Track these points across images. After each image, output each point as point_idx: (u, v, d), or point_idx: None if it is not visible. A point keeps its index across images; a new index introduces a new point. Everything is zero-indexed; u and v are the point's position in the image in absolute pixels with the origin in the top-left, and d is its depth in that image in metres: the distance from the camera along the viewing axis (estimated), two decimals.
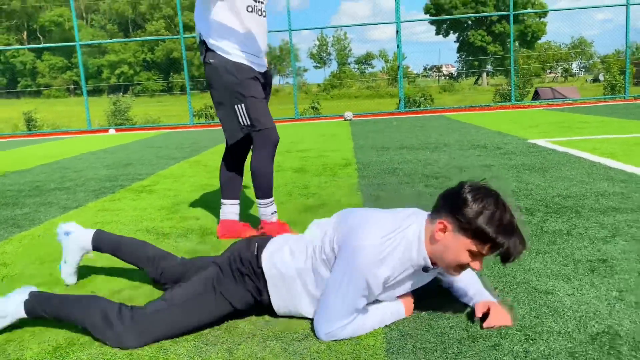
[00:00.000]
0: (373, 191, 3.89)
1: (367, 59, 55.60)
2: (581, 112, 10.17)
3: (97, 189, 4.71)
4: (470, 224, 1.54)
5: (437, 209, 1.66)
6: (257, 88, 2.70)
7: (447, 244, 1.60)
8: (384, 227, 1.66)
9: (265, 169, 2.76)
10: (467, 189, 1.60)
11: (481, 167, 4.62)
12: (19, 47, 58.33)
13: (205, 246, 2.75)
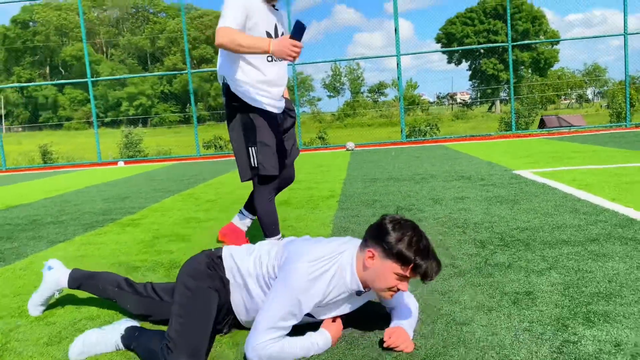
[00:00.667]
0: (344, 223, 4.04)
1: (380, 88, 56.12)
2: (579, 141, 10.24)
3: (88, 222, 4.93)
4: (392, 249, 1.76)
5: (365, 240, 1.87)
6: (271, 133, 2.87)
7: (376, 270, 1.81)
8: (317, 252, 1.86)
9: (267, 208, 2.98)
10: (387, 220, 1.83)
11: (455, 199, 4.75)
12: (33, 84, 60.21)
13: (169, 279, 2.92)
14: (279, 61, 2.87)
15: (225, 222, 4.46)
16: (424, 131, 17.33)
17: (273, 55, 2.60)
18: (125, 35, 69.42)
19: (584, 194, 4.54)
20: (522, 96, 20.56)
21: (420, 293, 2.39)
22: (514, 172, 6.24)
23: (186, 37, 14.70)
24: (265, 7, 2.80)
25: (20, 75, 65.63)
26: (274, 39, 2.58)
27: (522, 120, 16.73)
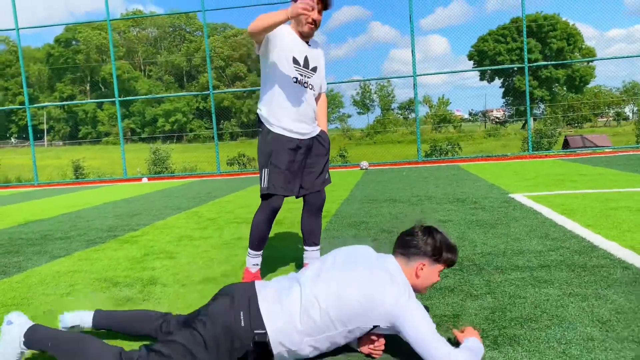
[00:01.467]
0: (322, 244, 4.25)
1: (410, 105, 56.08)
2: (591, 163, 10.18)
3: (92, 238, 5.27)
4: (440, 256, 2.18)
5: (407, 253, 2.18)
6: (286, 158, 3.03)
7: (426, 275, 2.18)
8: (396, 279, 2.08)
9: (261, 225, 3.13)
10: (420, 233, 2.21)
11: (438, 222, 4.89)
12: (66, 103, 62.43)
13: (143, 295, 3.18)
14: (305, 87, 3.08)
15: (216, 240, 4.73)
16: (445, 150, 17.37)
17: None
18: (162, 54, 71.44)
19: (563, 219, 4.63)
20: (546, 116, 20.35)
21: None
22: (509, 196, 6.33)
23: (209, 58, 15.23)
24: (300, 41, 3.06)
25: (62, 92, 68.22)
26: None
27: (544, 141, 16.59)
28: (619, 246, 3.56)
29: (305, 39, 3.09)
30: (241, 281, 3.17)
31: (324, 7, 3.00)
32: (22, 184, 16.06)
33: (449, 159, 14.79)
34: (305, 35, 3.06)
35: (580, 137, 17.29)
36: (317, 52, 3.18)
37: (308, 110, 3.10)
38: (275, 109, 3.03)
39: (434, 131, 47.69)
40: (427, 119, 52.65)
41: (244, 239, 4.73)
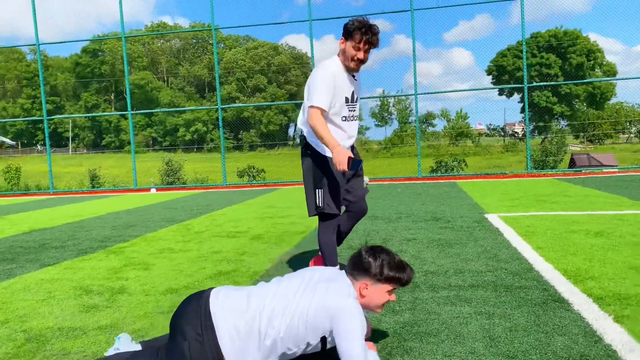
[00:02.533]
0: (287, 259, 4.57)
1: (428, 119, 56.14)
2: (584, 184, 10.32)
3: (84, 248, 5.66)
4: (380, 275, 2.24)
5: (352, 274, 2.29)
6: (336, 179, 3.37)
7: (371, 295, 2.25)
8: (344, 287, 2.23)
9: (328, 241, 3.44)
10: (365, 253, 2.30)
11: (404, 240, 5.17)
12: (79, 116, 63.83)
13: (109, 303, 3.53)
14: (351, 120, 3.44)
15: (193, 253, 5.08)
16: (451, 166, 17.54)
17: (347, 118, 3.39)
18: (184, 65, 72.75)
19: (519, 240, 4.87)
20: (552, 135, 20.44)
21: None
22: (484, 216, 6.57)
23: (217, 75, 15.69)
24: (346, 76, 3.34)
25: (87, 101, 69.90)
26: (339, 147, 3.09)
27: (550, 159, 16.68)
28: (553, 269, 3.81)
29: (351, 73, 3.37)
30: None
31: (370, 46, 3.26)
32: (40, 191, 16.68)
33: (448, 175, 14.98)
34: (353, 70, 3.34)
35: (587, 155, 17.34)
36: (358, 82, 3.49)
37: (351, 141, 3.46)
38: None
39: (451, 145, 47.68)
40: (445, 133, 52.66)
41: (220, 252, 5.08)
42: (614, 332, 2.54)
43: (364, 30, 3.18)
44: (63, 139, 71.05)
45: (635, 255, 4.09)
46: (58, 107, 71.25)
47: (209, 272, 4.27)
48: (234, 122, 64.34)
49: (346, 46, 3.25)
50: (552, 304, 3.03)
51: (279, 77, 67.82)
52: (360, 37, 3.17)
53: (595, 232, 5.09)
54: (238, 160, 36.97)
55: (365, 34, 3.18)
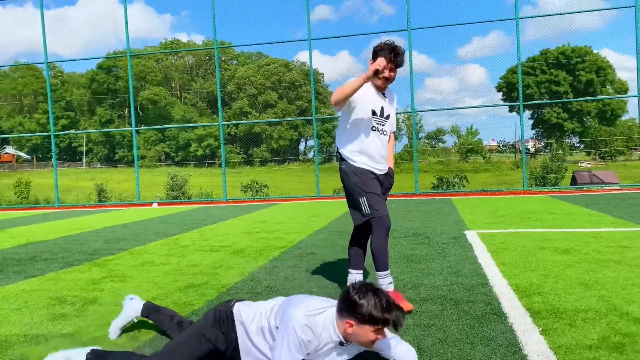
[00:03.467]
0: (259, 275, 4.74)
1: (438, 135, 56.20)
2: (574, 201, 10.38)
3: (71, 261, 5.88)
4: (364, 316, 2.22)
5: (340, 310, 2.32)
6: (376, 185, 3.55)
7: (357, 334, 2.27)
8: (310, 302, 2.40)
9: (382, 247, 3.52)
10: (352, 292, 2.28)
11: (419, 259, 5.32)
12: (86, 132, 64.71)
13: (74, 312, 3.72)
14: (382, 134, 3.59)
15: (172, 267, 5.27)
16: (452, 182, 17.63)
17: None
18: (197, 81, 73.73)
19: (487, 257, 5.00)
20: (552, 152, 20.47)
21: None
22: (463, 232, 6.69)
23: (219, 85, 15.99)
24: (374, 91, 3.55)
25: (102, 116, 71.00)
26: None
27: (551, 176, 16.72)
28: (506, 284, 3.94)
29: (381, 91, 3.59)
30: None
31: (396, 66, 3.48)
32: (46, 205, 17.04)
33: (445, 192, 15.08)
34: (380, 88, 3.57)
35: (588, 173, 17.34)
36: (390, 101, 3.68)
37: (382, 152, 3.60)
38: (358, 151, 3.55)
39: (462, 161, 47.66)
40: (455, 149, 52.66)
41: (198, 265, 5.26)
42: (535, 344, 2.67)
43: (389, 51, 3.43)
44: (77, 153, 72.11)
45: (590, 271, 4.20)
46: (73, 122, 72.47)
47: (180, 284, 4.45)
48: (244, 138, 64.99)
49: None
50: (490, 317, 3.17)
51: (289, 93, 68.43)
52: (385, 57, 3.41)
53: (563, 249, 5.20)
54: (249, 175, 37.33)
55: (390, 54, 3.43)
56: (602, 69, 52.02)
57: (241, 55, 74.96)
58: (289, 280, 4.43)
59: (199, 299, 3.95)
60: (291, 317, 2.29)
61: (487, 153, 50.96)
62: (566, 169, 17.61)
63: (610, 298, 3.43)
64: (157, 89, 70.11)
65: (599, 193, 12.73)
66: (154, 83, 71.73)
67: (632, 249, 5.07)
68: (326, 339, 2.32)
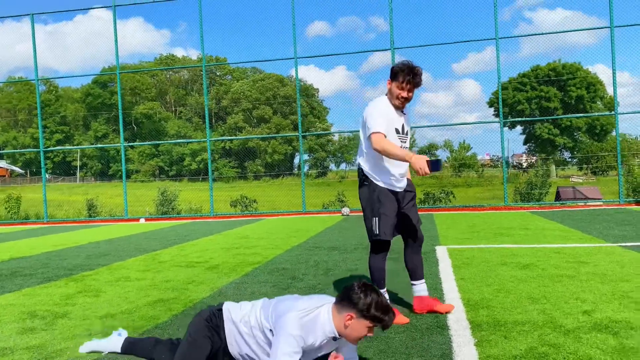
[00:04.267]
0: (226, 291, 4.91)
1: (431, 149, 56.54)
2: (550, 217, 10.61)
3: (50, 276, 6.03)
4: (367, 312, 2.43)
5: (340, 304, 2.50)
6: (392, 207, 3.67)
7: (354, 327, 2.45)
8: (302, 305, 2.53)
9: (379, 266, 3.75)
10: (356, 288, 2.49)
11: (346, 270, 5.51)
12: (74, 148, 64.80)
13: (43, 326, 3.88)
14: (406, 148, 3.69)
15: (146, 282, 5.44)
16: (438, 197, 17.82)
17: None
18: (193, 96, 74.13)
19: (449, 272, 5.19)
20: (537, 168, 20.73)
21: None
22: (434, 248, 6.88)
23: (207, 102, 16.23)
24: (394, 110, 3.66)
25: (97, 130, 71.22)
26: (414, 155, 3.40)
27: (535, 192, 16.96)
28: (459, 298, 4.12)
29: (400, 110, 3.70)
30: None
31: (414, 86, 3.59)
32: (35, 220, 17.15)
33: (429, 207, 15.28)
34: (399, 107, 3.67)
35: (572, 189, 17.58)
36: (407, 117, 3.81)
37: (402, 171, 3.72)
38: (379, 169, 3.66)
39: (454, 176, 47.92)
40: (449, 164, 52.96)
41: (171, 281, 5.43)
42: (465, 355, 2.86)
43: (407, 71, 3.55)
44: (72, 167, 72.09)
45: (542, 286, 4.39)
46: (67, 136, 72.60)
47: (150, 299, 4.62)
48: (239, 152, 65.21)
49: (392, 86, 3.62)
50: (433, 329, 3.35)
51: (284, 107, 68.85)
52: (403, 78, 3.54)
53: (524, 265, 5.39)
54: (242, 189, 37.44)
55: (408, 75, 3.54)
56: (592, 85, 52.66)
57: (236, 71, 75.49)
58: (255, 295, 4.60)
59: (165, 313, 4.12)
60: (287, 322, 2.43)
61: (480, 168, 51.28)
62: (550, 185, 17.85)
63: (550, 311, 3.62)
64: (152, 104, 70.45)
65: (579, 209, 12.97)
66: (148, 98, 72.08)
67: (589, 264, 5.27)
68: (321, 336, 2.48)
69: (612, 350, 2.81)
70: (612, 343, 2.91)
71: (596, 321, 3.34)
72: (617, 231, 7.79)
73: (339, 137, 61.01)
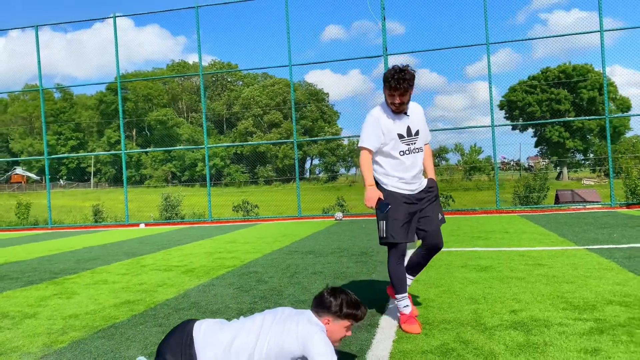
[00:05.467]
0: (191, 294, 5.15)
1: (441, 153, 56.47)
2: (535, 221, 10.70)
3: (34, 280, 6.32)
4: (340, 312, 2.65)
5: (317, 311, 2.68)
6: (401, 211, 3.61)
7: (332, 330, 2.64)
8: (313, 323, 2.63)
9: (395, 271, 3.70)
10: (326, 294, 2.70)
11: (310, 274, 5.71)
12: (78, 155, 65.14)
13: (9, 325, 4.14)
14: (411, 153, 3.66)
15: (121, 285, 5.70)
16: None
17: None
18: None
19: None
20: (535, 172, 20.73)
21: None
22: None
23: (205, 110, 16.53)
24: (393, 116, 3.62)
25: (110, 137, 72.28)
26: (371, 187, 3.59)
27: (534, 195, 17.01)
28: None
29: (400, 113, 3.64)
30: (399, 324, 3.57)
31: (404, 91, 3.51)
32: (40, 226, 17.59)
33: None
34: (398, 112, 3.63)
35: (571, 192, 17.61)
36: (415, 116, 3.73)
37: (414, 172, 3.66)
38: (386, 173, 3.67)
39: (465, 179, 47.81)
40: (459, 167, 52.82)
41: (144, 284, 5.68)
42: (380, 349, 3.06)
43: (390, 78, 3.51)
44: (86, 173, 73.24)
45: (489, 287, 4.56)
46: (81, 143, 73.75)
47: (118, 301, 4.87)
48: (250, 157, 65.68)
49: (385, 94, 3.64)
50: (364, 327, 3.55)
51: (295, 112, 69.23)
52: (390, 85, 3.53)
53: (483, 267, 5.56)
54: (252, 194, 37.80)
55: (394, 81, 3.49)
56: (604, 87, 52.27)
57: (247, 76, 76.14)
58: (217, 296, 4.83)
59: (126, 313, 4.36)
60: (318, 342, 2.50)
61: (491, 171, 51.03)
62: (548, 188, 17.89)
63: (481, 311, 3.80)
64: (165, 110, 71.36)
65: (572, 212, 13.01)
66: (161, 104, 73.00)
67: (545, 266, 5.42)
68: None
69: (516, 345, 3.00)
70: (520, 339, 3.09)
71: (517, 320, 3.51)
72: (593, 234, 7.89)
73: (348, 141, 61.20)
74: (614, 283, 4.48)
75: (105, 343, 3.55)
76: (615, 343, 2.97)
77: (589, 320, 3.42)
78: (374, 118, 3.63)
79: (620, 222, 9.43)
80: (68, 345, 3.55)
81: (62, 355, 3.34)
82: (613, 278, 4.69)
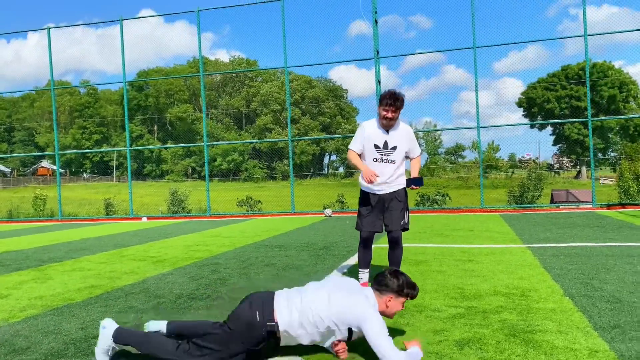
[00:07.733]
0: (147, 285, 5.75)
1: (458, 150, 56.46)
2: (508, 219, 11.07)
3: (21, 267, 7.00)
4: (401, 291, 3.12)
5: (379, 289, 3.12)
6: (368, 207, 4.70)
7: (393, 305, 3.12)
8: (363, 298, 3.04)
9: (360, 252, 4.88)
10: (389, 275, 3.16)
11: (262, 265, 6.28)
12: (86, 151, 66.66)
13: None
14: (382, 162, 4.60)
15: (93, 272, 6.33)
16: (432, 199, 18.28)
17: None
18: (224, 98, 75.98)
19: (341, 266, 5.89)
20: (530, 170, 20.92)
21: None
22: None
23: (205, 110, 17.14)
24: (379, 130, 4.58)
25: (132, 131, 73.91)
26: (366, 166, 4.58)
27: (528, 194, 17.27)
28: None
29: (386, 129, 4.55)
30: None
31: (396, 108, 4.45)
32: (51, 218, 18.50)
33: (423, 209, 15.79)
34: (386, 126, 4.54)
35: (566, 191, 17.81)
36: (397, 134, 4.60)
37: (385, 176, 4.58)
38: (362, 177, 4.62)
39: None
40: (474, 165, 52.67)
41: (113, 272, 6.30)
42: None
43: (388, 97, 4.43)
44: (108, 167, 75.00)
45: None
46: (105, 137, 75.49)
47: (82, 285, 5.50)
48: (268, 152, 66.48)
49: (379, 109, 4.52)
50: None
51: (312, 109, 69.82)
52: (385, 102, 4.43)
53: (418, 261, 6.06)
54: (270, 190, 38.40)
55: (389, 100, 4.42)
56: (625, 84, 51.61)
57: (266, 73, 76.92)
58: (168, 284, 5.42)
59: (84, 296, 4.97)
60: (371, 317, 2.91)
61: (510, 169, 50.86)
62: (543, 188, 18.10)
63: None
64: (185, 106, 72.66)
65: (555, 212, 13.30)
66: (181, 101, 74.30)
67: (473, 262, 5.88)
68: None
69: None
70: (389, 322, 3.60)
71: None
72: (548, 234, 8.28)
73: None
74: (518, 278, 4.94)
75: (53, 319, 4.16)
76: (460, 325, 3.46)
77: (460, 307, 3.92)
78: (362, 127, 4.69)
79: (586, 223, 9.75)
80: (22, 320, 4.17)
81: (13, 327, 3.96)
82: (522, 273, 5.15)
